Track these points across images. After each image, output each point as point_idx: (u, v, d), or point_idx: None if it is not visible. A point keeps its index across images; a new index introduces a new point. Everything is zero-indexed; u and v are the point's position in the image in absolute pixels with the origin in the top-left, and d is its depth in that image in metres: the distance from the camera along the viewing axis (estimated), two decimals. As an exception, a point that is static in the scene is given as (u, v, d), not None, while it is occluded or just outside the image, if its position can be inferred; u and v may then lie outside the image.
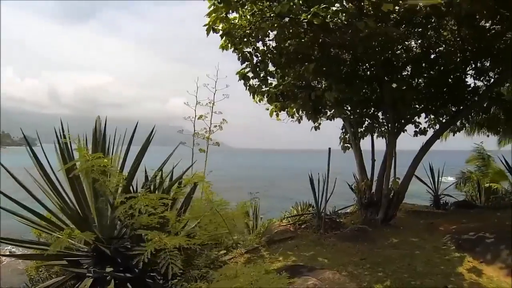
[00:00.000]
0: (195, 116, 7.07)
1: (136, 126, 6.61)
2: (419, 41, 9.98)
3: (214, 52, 9.21)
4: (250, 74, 9.25)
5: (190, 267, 5.60)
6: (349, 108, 10.60)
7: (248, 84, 9.42)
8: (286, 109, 10.63)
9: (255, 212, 11.04)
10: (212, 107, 7.55)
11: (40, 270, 7.03)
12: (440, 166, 13.68)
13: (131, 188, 5.95)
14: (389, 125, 10.21)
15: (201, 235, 5.39)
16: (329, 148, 9.48)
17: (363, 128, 11.26)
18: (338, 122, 11.72)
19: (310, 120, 11.03)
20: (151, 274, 5.73)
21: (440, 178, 13.14)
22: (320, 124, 11.70)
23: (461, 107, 10.55)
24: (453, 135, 12.59)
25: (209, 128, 7.44)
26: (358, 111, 10.82)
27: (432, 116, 11.25)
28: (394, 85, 9.96)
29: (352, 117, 10.88)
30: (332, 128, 12.43)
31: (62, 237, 4.50)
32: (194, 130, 7.45)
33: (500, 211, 11.66)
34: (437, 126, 11.15)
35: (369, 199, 10.19)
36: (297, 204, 11.94)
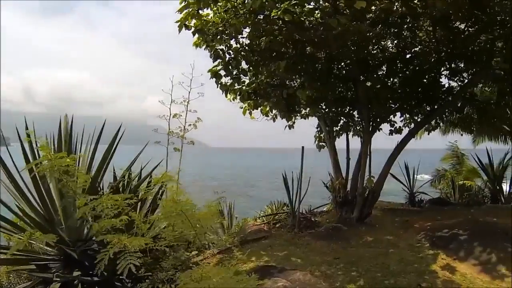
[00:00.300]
0: (170, 114, 7.41)
1: (103, 124, 6.42)
2: (395, 41, 9.96)
3: (192, 49, 9.01)
4: (223, 72, 9.08)
5: (158, 269, 5.41)
6: (324, 106, 10.49)
7: (219, 82, 9.23)
8: (260, 108, 10.43)
9: (230, 211, 10.92)
10: (187, 106, 7.82)
11: (10, 275, 6.76)
12: (415, 164, 13.77)
13: (99, 188, 5.78)
14: (364, 123, 10.15)
15: (168, 236, 5.26)
16: (302, 147, 9.40)
17: (339, 127, 11.18)
18: (313, 120, 11.63)
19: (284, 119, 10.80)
20: (120, 277, 5.54)
21: (415, 176, 13.16)
22: (294, 122, 11.60)
23: (436, 107, 10.61)
24: (428, 134, 12.67)
25: (184, 126, 7.78)
26: (333, 109, 10.77)
27: (407, 115, 11.25)
28: (368, 84, 9.94)
29: (327, 115, 10.79)
30: (308, 127, 12.36)
31: (22, 239, 4.29)
32: (169, 129, 7.70)
33: (473, 207, 11.79)
34: (412, 125, 11.15)
35: (344, 198, 10.14)
36: (271, 203, 11.80)
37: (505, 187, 13.72)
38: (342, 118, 11.05)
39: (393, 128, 11.20)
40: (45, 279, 5.58)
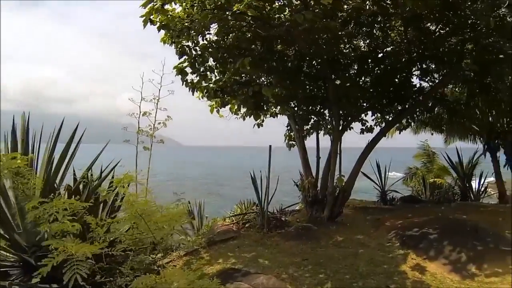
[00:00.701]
0: (140, 113, 7.31)
1: (62, 122, 6.08)
2: (367, 41, 9.89)
3: (167, 46, 8.70)
4: (189, 69, 8.81)
5: (118, 274, 5.14)
6: (293, 105, 10.35)
7: (185, 80, 8.96)
8: (228, 106, 10.23)
9: (200, 211, 10.68)
10: (157, 104, 7.69)
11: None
12: (387, 162, 13.79)
13: (56, 191, 5.46)
14: (334, 122, 10.08)
15: (127, 239, 5.03)
16: (270, 146, 9.25)
17: (309, 126, 11.07)
18: (284, 119, 11.48)
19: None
20: (81, 283, 5.23)
21: (386, 174, 13.17)
22: (263, 121, 11.41)
23: (407, 106, 10.60)
24: (399, 133, 12.73)
25: (153, 125, 7.68)
26: (304, 108, 10.64)
27: (379, 114, 11.21)
28: (339, 83, 9.86)
29: (297, 114, 10.65)
30: (281, 125, 12.17)
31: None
32: (138, 127, 7.61)
33: (444, 205, 11.94)
34: (383, 124, 11.10)
35: (314, 197, 10.03)
36: (241, 203, 11.57)
37: (474, 184, 14.03)
38: (312, 116, 10.92)
39: (364, 127, 11.11)
40: (2, 287, 5.25)
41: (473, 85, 11.16)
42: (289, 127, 11.68)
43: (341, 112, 10.10)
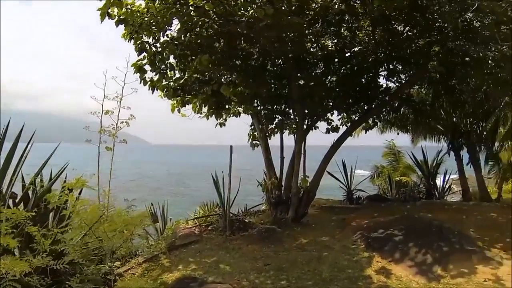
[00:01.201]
0: (102, 111, 7.15)
1: (8, 122, 5.64)
2: (335, 40, 9.68)
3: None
4: (149, 67, 8.38)
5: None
6: (256, 104, 10.06)
7: (143, 78, 8.50)
8: (190, 104, 9.84)
9: (163, 213, 10.29)
10: (120, 102, 7.54)
11: None
12: (355, 161, 13.74)
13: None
14: (298, 121, 9.89)
15: (77, 249, 4.69)
16: (231, 146, 8.96)
17: (274, 125, 10.78)
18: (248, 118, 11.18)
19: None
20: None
21: (353, 173, 13.11)
22: (226, 120, 11.09)
23: (373, 106, 10.48)
24: (365, 132, 12.65)
25: (116, 124, 7.51)
26: (268, 107, 10.36)
27: (345, 114, 11.08)
28: (302, 82, 9.69)
29: (260, 113, 10.38)
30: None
31: None
32: (101, 127, 7.47)
33: (409, 203, 11.99)
34: (350, 124, 10.98)
35: (278, 198, 9.82)
36: (204, 204, 11.21)
37: (439, 182, 14.26)
38: (277, 116, 10.64)
39: (330, 127, 10.96)
40: None
41: (438, 86, 11.22)
42: (253, 126, 11.37)
43: (306, 111, 9.84)
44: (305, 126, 10.00)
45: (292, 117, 10.79)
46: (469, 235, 7.54)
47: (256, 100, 9.94)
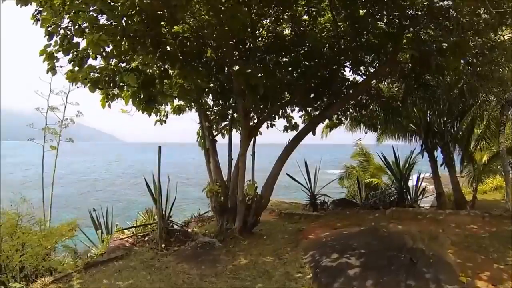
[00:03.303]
0: (48, 107, 6.84)
1: None
2: (291, 26, 7.46)
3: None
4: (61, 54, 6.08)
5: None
6: (203, 98, 7.80)
7: (51, 67, 6.13)
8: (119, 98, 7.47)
9: (105, 220, 8.55)
10: (67, 97, 7.00)
11: None
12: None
13: None
14: (242, 118, 7.74)
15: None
16: (159, 147, 6.96)
17: (225, 122, 8.57)
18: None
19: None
20: None
21: (316, 176, 10.72)
22: (166, 117, 8.79)
23: (334, 100, 8.15)
24: (330, 130, 10.34)
25: (61, 121, 7.28)
26: (221, 102, 8.10)
27: (303, 111, 8.79)
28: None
29: (212, 109, 8.12)
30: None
31: None
32: (46, 124, 7.21)
33: (378, 210, 9.88)
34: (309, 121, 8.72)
35: (222, 205, 7.56)
36: (147, 210, 8.98)
37: (412, 182, 11.85)
38: (229, 112, 8.38)
39: (288, 124, 8.69)
40: None
41: (411, 81, 8.98)
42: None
43: (254, 106, 7.56)
44: (253, 123, 7.68)
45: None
46: (447, 261, 5.35)
47: (195, 94, 7.61)
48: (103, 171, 56.14)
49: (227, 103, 8.41)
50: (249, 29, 7.04)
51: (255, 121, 8.21)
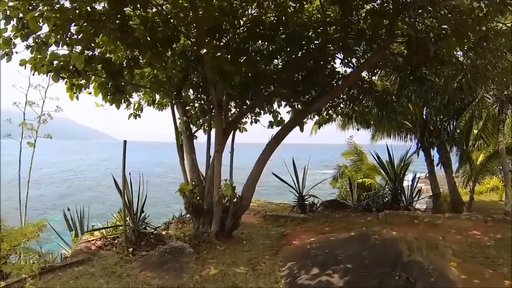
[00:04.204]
0: (26, 102, 7.09)
1: None
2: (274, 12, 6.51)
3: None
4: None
5: None
6: (171, 88, 6.81)
7: (7, 53, 5.18)
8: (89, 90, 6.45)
9: (81, 220, 7.69)
10: (46, 92, 6.86)
11: None
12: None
13: None
14: (215, 111, 6.67)
15: None
16: (125, 141, 6.03)
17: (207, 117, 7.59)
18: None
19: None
20: None
21: (305, 175, 9.71)
22: (141, 110, 7.86)
23: (322, 92, 7.14)
24: (319, 127, 9.30)
25: (39, 116, 7.40)
26: (204, 96, 7.11)
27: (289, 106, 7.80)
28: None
29: (193, 103, 7.16)
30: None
31: None
32: (24, 119, 6.94)
33: (371, 213, 8.69)
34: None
35: (196, 206, 6.57)
36: (119, 211, 7.98)
37: (406, 183, 10.75)
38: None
39: (273, 120, 7.69)
40: None
41: (406, 74, 7.98)
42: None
43: (229, 97, 6.57)
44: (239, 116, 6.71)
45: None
46: (451, 277, 4.33)
47: (175, 86, 6.64)
48: (94, 170, 54.35)
49: (209, 98, 7.41)
50: (229, 16, 6.05)
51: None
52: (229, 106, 7.51)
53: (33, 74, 6.27)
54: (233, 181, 6.62)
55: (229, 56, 5.73)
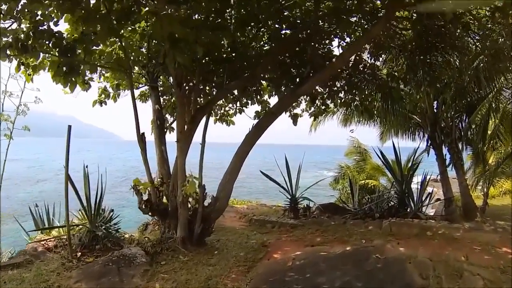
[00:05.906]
0: (5, 92, 5.69)
1: None
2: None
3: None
4: None
5: None
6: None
7: None
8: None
9: (48, 219, 6.50)
10: (25, 83, 5.49)
11: None
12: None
13: None
14: (177, 99, 5.10)
15: None
16: (69, 126, 4.68)
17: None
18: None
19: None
20: None
21: (298, 176, 8.00)
22: (108, 97, 6.55)
23: (311, 73, 5.57)
24: (314, 119, 7.73)
25: (17, 108, 5.86)
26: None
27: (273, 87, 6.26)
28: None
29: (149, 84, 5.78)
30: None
31: None
32: (2, 110, 6.00)
33: (374, 220, 6.99)
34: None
35: (157, 207, 5.20)
36: (79, 209, 6.56)
37: (414, 186, 8.85)
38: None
39: (261, 110, 6.24)
40: None
41: (415, 56, 6.38)
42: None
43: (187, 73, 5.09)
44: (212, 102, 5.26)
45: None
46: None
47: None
48: (92, 168, 52.58)
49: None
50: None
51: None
52: (201, 88, 5.99)
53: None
54: (204, 179, 5.17)
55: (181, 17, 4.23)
